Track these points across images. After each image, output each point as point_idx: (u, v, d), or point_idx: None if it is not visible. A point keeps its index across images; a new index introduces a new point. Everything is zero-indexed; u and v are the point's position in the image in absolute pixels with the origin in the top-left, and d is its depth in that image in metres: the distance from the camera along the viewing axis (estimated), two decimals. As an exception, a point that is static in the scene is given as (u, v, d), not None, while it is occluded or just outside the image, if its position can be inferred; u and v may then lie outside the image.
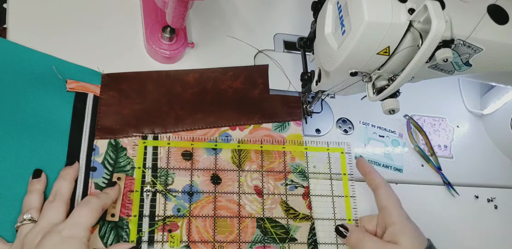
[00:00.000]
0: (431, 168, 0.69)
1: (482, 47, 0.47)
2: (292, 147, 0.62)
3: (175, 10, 0.52)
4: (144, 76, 0.60)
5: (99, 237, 0.50)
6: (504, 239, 0.67)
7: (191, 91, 0.61)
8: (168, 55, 0.60)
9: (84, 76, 0.57)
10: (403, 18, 0.43)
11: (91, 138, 0.55)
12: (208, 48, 0.65)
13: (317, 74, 0.55)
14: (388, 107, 0.48)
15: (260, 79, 0.65)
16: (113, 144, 0.55)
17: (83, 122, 0.55)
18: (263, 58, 0.68)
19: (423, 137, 0.71)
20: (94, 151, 0.54)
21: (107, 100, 0.57)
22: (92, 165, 0.53)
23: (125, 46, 0.61)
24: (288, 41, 0.70)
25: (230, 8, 0.70)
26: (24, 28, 0.57)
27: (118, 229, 0.51)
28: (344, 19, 0.46)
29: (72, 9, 0.61)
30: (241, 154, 0.60)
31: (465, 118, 0.76)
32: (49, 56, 0.56)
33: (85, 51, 0.59)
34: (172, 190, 0.55)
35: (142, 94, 0.59)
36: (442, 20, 0.40)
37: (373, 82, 0.49)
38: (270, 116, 0.64)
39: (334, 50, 0.47)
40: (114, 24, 0.62)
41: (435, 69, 0.51)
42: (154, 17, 0.61)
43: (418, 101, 0.74)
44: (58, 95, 0.55)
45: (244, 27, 0.69)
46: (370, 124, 0.69)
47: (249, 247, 0.55)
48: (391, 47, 0.44)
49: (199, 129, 0.60)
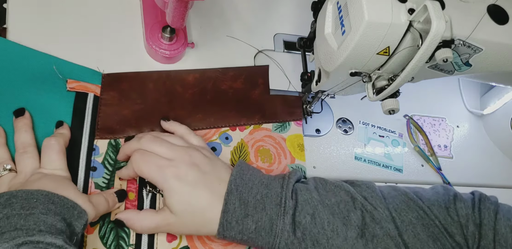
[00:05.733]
0: (431, 168, 0.69)
1: (482, 47, 0.47)
2: (292, 148, 0.62)
3: (175, 10, 0.52)
4: (144, 76, 0.60)
5: (99, 237, 0.50)
6: (504, 239, 0.67)
7: (191, 91, 0.61)
8: (168, 55, 0.60)
9: (85, 76, 0.57)
10: (403, 18, 0.43)
11: (91, 138, 0.55)
12: (208, 48, 0.65)
13: (317, 74, 0.55)
14: (388, 107, 0.48)
15: (261, 79, 0.65)
16: (113, 144, 0.55)
17: (83, 122, 0.55)
18: (263, 58, 0.68)
19: (423, 137, 0.71)
20: (94, 151, 0.54)
21: (107, 100, 0.57)
22: (92, 165, 0.53)
23: (125, 46, 0.61)
24: (288, 41, 0.70)
25: (230, 8, 0.70)
26: (24, 28, 0.57)
27: (118, 229, 0.51)
28: (344, 19, 0.46)
29: (72, 9, 0.61)
30: (240, 155, 0.60)
31: (465, 118, 0.76)
32: (49, 56, 0.56)
33: (85, 51, 0.59)
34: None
35: (142, 94, 0.59)
36: (442, 20, 0.40)
37: (373, 82, 0.49)
38: (270, 116, 0.64)
39: (334, 50, 0.47)
40: (114, 24, 0.62)
41: (435, 69, 0.51)
42: (154, 17, 0.61)
43: (418, 101, 0.74)
44: (58, 94, 0.55)
45: (244, 27, 0.69)
46: (370, 124, 0.69)
47: (248, 247, 0.55)
48: (391, 47, 0.44)
49: (199, 130, 0.60)
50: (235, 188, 0.50)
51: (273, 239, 0.49)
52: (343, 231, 0.49)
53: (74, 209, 0.44)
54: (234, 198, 0.49)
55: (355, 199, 0.51)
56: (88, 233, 0.50)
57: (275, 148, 0.62)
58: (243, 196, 0.49)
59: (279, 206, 0.49)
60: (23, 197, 0.41)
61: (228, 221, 0.48)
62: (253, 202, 0.49)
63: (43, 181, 0.46)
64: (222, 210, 0.48)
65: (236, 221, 0.48)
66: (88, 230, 0.50)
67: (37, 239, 0.37)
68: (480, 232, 0.48)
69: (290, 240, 0.48)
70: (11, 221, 0.39)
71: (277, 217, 0.49)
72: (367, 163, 0.66)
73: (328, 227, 0.49)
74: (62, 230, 0.41)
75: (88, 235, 0.50)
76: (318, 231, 0.49)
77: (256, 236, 0.49)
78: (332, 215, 0.50)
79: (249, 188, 0.50)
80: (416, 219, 0.50)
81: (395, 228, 0.50)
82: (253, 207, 0.49)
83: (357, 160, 0.66)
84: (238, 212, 0.48)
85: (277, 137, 0.63)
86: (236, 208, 0.48)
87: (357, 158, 0.66)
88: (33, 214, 0.40)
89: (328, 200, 0.51)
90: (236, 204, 0.49)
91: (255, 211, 0.49)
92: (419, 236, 0.49)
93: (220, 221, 0.48)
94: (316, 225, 0.49)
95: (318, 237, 0.49)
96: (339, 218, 0.50)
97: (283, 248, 0.49)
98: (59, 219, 0.41)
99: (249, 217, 0.48)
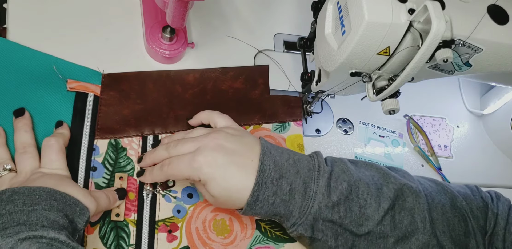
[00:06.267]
0: (431, 168, 0.69)
1: (482, 47, 0.47)
2: (292, 147, 0.62)
3: (175, 10, 0.52)
4: (144, 76, 0.60)
5: (99, 237, 0.50)
6: (504, 239, 0.67)
7: (191, 91, 0.61)
8: (168, 55, 0.60)
9: (85, 76, 0.57)
10: (403, 18, 0.43)
11: (91, 138, 0.55)
12: (208, 48, 0.65)
13: (317, 74, 0.55)
14: (388, 107, 0.48)
15: (261, 79, 0.65)
16: (113, 144, 0.55)
17: (83, 122, 0.55)
18: (263, 58, 0.68)
19: (423, 137, 0.71)
20: (94, 151, 0.54)
21: (107, 100, 0.57)
22: (92, 165, 0.53)
23: (125, 46, 0.61)
24: (288, 41, 0.70)
25: (230, 8, 0.70)
26: (24, 28, 0.57)
27: (118, 230, 0.51)
28: (344, 19, 0.46)
29: (72, 9, 0.61)
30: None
31: (465, 118, 0.76)
32: (49, 56, 0.56)
33: (85, 51, 0.59)
34: (173, 191, 0.55)
35: (142, 94, 0.59)
36: (442, 20, 0.40)
37: (373, 82, 0.49)
38: (270, 116, 0.64)
39: (334, 50, 0.47)
40: (114, 24, 0.62)
41: (435, 69, 0.51)
42: (154, 17, 0.61)
43: (418, 101, 0.74)
44: (59, 94, 0.55)
45: (244, 27, 0.69)
46: (370, 124, 0.69)
47: (249, 248, 0.55)
48: (391, 47, 0.44)
49: (199, 129, 0.60)
50: (269, 151, 0.49)
51: (307, 201, 0.48)
52: (377, 202, 0.49)
53: (76, 205, 0.44)
54: (269, 159, 0.49)
55: (387, 174, 0.52)
56: (88, 233, 0.50)
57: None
58: (276, 159, 0.49)
59: (313, 171, 0.50)
60: (25, 194, 0.42)
61: (264, 180, 0.47)
62: (286, 166, 0.49)
63: (44, 179, 0.46)
64: (258, 169, 0.48)
65: (271, 182, 0.48)
66: (88, 230, 0.50)
67: (40, 234, 0.37)
68: (496, 220, 0.54)
69: (324, 203, 0.48)
70: (14, 217, 0.39)
71: (310, 180, 0.49)
72: (367, 163, 0.66)
73: (362, 196, 0.49)
74: (65, 226, 0.41)
75: (88, 235, 0.50)
76: (352, 198, 0.49)
77: (290, 198, 0.48)
78: (367, 185, 0.50)
79: (280, 153, 0.50)
80: (445, 200, 0.53)
81: (426, 203, 0.51)
82: (287, 170, 0.49)
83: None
84: (274, 173, 0.48)
85: (277, 137, 0.63)
86: (271, 169, 0.48)
87: (357, 158, 0.66)
88: (36, 210, 0.40)
89: (362, 172, 0.52)
90: (271, 165, 0.48)
91: (289, 174, 0.49)
92: (447, 215, 0.52)
93: (256, 180, 0.47)
94: (352, 192, 0.49)
95: (352, 204, 0.49)
96: (374, 189, 0.50)
97: (314, 212, 0.48)
98: (61, 215, 0.41)
99: (284, 178, 0.48)
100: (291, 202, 0.48)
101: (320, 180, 0.49)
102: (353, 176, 0.51)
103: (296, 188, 0.48)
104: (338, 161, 0.52)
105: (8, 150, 0.51)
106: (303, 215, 0.48)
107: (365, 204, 0.49)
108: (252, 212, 0.49)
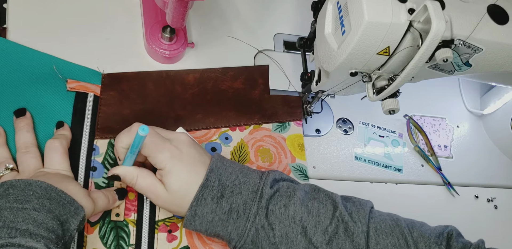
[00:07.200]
0: (431, 168, 0.69)
1: (482, 47, 0.47)
2: (292, 147, 0.62)
3: (175, 10, 0.52)
4: (144, 76, 0.60)
5: (99, 237, 0.50)
6: (504, 239, 0.67)
7: (191, 91, 0.61)
8: (168, 55, 0.60)
9: (85, 76, 0.57)
10: (403, 18, 0.43)
11: (91, 138, 0.55)
12: (208, 48, 0.65)
13: (317, 74, 0.55)
14: (388, 107, 0.48)
15: (261, 79, 0.65)
16: (113, 144, 0.55)
17: (83, 121, 0.55)
18: (263, 58, 0.68)
19: (423, 137, 0.71)
20: (94, 151, 0.54)
21: (107, 100, 0.57)
22: (92, 165, 0.53)
23: (125, 46, 0.61)
24: (288, 41, 0.70)
25: (230, 8, 0.70)
26: (24, 28, 0.57)
27: (118, 229, 0.51)
28: (344, 19, 0.46)
29: (72, 9, 0.61)
30: (240, 155, 0.60)
31: (465, 118, 0.76)
32: (49, 56, 0.56)
33: (85, 51, 0.59)
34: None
35: (142, 94, 0.59)
36: (442, 20, 0.40)
37: (373, 82, 0.49)
38: (270, 116, 0.64)
39: (334, 50, 0.47)
40: (114, 24, 0.62)
41: (435, 69, 0.51)
42: (154, 17, 0.61)
43: (418, 101, 0.74)
44: (59, 94, 0.55)
45: (244, 27, 0.69)
46: (370, 124, 0.69)
47: None
48: (391, 47, 0.44)
49: (199, 130, 0.60)
50: (216, 169, 0.49)
51: (244, 223, 0.48)
52: (311, 232, 0.48)
53: (71, 205, 0.43)
54: (215, 176, 0.48)
55: (336, 209, 0.50)
56: (88, 233, 0.50)
57: (275, 148, 0.62)
58: (222, 179, 0.49)
59: (255, 193, 0.49)
60: (20, 188, 0.41)
61: (204, 196, 0.47)
62: (230, 187, 0.49)
63: (48, 176, 0.46)
64: (201, 184, 0.47)
65: (212, 199, 0.47)
66: (88, 230, 0.50)
67: (18, 242, 0.37)
68: None
69: (261, 225, 0.48)
70: (1, 215, 0.39)
71: (251, 202, 0.48)
72: (367, 163, 0.66)
73: (300, 223, 0.48)
74: (53, 228, 0.40)
75: (88, 235, 0.50)
76: (289, 224, 0.48)
77: (228, 218, 0.48)
78: (307, 214, 0.49)
79: (228, 173, 0.50)
80: (393, 246, 0.49)
81: (365, 246, 0.48)
82: (230, 191, 0.48)
83: (357, 160, 0.66)
84: (216, 191, 0.48)
85: (277, 137, 0.63)
86: (214, 187, 0.48)
87: (357, 158, 0.66)
88: (25, 209, 0.40)
89: (310, 203, 0.50)
90: (216, 183, 0.48)
91: (231, 195, 0.48)
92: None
93: (196, 195, 0.47)
94: (288, 217, 0.48)
95: (288, 230, 0.48)
96: (313, 219, 0.49)
97: (252, 235, 0.48)
98: (51, 217, 0.41)
99: (225, 198, 0.48)
100: (229, 221, 0.48)
101: (260, 202, 0.48)
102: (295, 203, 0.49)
103: (235, 208, 0.48)
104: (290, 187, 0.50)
105: (9, 149, 0.51)
106: (241, 237, 0.48)
107: (302, 231, 0.48)
108: (192, 227, 0.49)
